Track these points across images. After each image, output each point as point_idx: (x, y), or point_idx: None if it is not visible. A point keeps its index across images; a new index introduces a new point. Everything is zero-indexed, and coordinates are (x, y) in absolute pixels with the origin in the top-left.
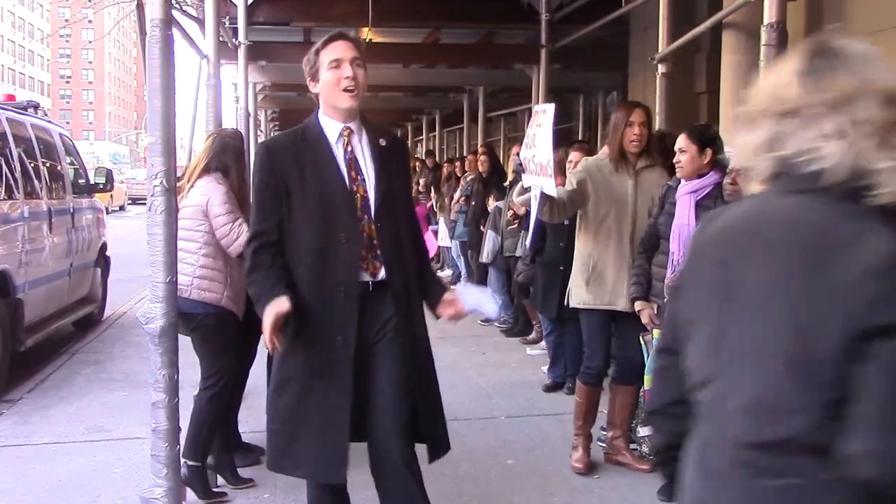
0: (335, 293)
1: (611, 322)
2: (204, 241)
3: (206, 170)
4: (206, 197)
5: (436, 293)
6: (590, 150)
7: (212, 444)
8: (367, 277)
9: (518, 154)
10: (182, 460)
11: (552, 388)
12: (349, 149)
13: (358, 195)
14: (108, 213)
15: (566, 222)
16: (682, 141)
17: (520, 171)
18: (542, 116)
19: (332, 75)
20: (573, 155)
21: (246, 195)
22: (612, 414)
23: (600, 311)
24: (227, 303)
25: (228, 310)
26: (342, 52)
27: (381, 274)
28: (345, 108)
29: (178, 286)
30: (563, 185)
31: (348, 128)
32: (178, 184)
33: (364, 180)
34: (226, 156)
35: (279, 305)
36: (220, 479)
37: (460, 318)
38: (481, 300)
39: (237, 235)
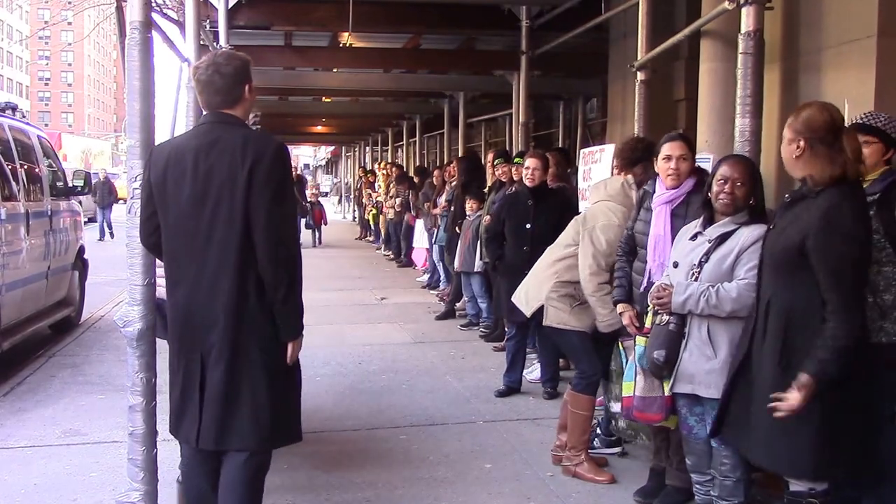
0: None
1: None
2: None
3: None
4: None
5: None
6: (568, 157)
7: None
8: None
9: (494, 163)
10: None
11: (506, 393)
12: None
13: None
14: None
15: (528, 226)
16: (682, 148)
17: None
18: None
19: None
20: (529, 161)
21: None
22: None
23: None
24: None
25: None
26: None
27: None
28: None
29: None
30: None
31: None
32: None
33: None
34: None
35: None
36: None
37: None
38: None
39: None
